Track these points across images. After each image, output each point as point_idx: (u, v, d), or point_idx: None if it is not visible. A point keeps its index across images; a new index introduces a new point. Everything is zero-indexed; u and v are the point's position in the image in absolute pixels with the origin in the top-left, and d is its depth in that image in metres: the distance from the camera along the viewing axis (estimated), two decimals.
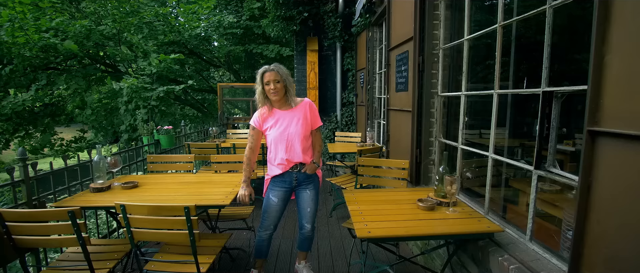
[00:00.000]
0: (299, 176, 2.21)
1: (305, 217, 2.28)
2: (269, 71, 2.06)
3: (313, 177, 2.26)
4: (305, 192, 2.25)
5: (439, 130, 2.69)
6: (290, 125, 2.13)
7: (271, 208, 2.22)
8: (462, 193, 2.39)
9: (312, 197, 2.26)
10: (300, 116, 2.15)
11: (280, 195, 2.21)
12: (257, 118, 2.17)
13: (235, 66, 10.23)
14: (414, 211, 1.89)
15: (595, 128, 1.06)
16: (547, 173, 1.52)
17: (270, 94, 2.07)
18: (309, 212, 2.26)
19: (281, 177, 2.20)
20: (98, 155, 2.36)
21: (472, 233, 1.64)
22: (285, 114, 2.15)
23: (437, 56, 2.62)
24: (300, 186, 2.24)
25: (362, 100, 5.43)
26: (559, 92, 1.48)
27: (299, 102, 2.18)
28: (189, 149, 3.87)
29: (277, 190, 2.21)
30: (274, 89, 2.05)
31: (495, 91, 1.89)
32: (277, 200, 2.21)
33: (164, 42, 6.70)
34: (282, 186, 2.21)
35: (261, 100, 2.12)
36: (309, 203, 2.25)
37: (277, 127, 2.13)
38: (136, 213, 1.75)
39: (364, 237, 1.58)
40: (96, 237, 2.80)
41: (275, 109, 2.16)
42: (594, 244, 1.10)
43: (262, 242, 2.27)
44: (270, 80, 2.05)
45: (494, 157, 1.95)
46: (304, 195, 2.25)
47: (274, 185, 2.22)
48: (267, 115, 2.15)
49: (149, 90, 4.82)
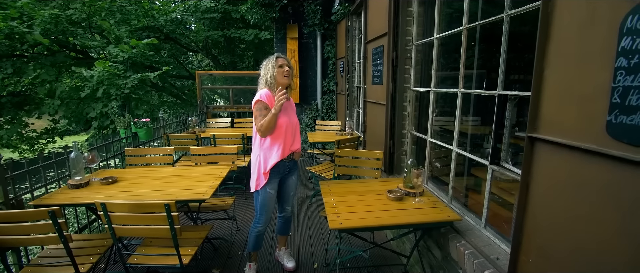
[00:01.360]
0: (290, 164, 2.33)
1: (288, 201, 2.46)
2: (282, 57, 2.22)
3: (297, 162, 2.42)
4: (291, 178, 2.39)
5: (411, 122, 2.83)
6: (293, 114, 2.30)
7: (271, 202, 2.28)
8: (430, 182, 2.57)
9: (296, 183, 2.45)
10: (294, 107, 2.39)
11: (275, 186, 2.28)
12: (266, 95, 2.12)
13: (214, 51, 10.01)
14: (384, 202, 2.04)
15: (533, 134, 1.20)
16: (500, 168, 1.68)
17: (283, 76, 2.16)
18: (292, 197, 2.46)
19: (276, 168, 2.22)
20: (75, 151, 2.35)
21: (434, 222, 1.80)
22: (289, 103, 2.28)
23: (410, 52, 2.72)
24: (289, 174, 2.36)
25: (342, 88, 5.51)
26: (511, 95, 1.62)
27: (289, 98, 2.30)
28: (168, 141, 3.87)
29: (273, 182, 2.25)
30: (288, 71, 2.18)
31: (459, 90, 2.03)
32: (274, 192, 2.28)
33: (138, 28, 6.45)
34: (277, 177, 2.27)
35: (272, 83, 2.16)
36: (293, 188, 2.43)
37: (285, 114, 2.19)
38: (117, 211, 1.80)
39: (336, 228, 1.71)
40: (75, 228, 2.82)
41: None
42: (530, 234, 1.26)
43: (260, 236, 2.37)
44: (283, 63, 2.18)
45: (457, 151, 2.11)
46: (290, 182, 2.39)
47: (272, 178, 2.23)
48: (272, 97, 2.13)
49: (122, 77, 4.67)
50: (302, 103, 6.23)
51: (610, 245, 0.94)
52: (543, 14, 1.15)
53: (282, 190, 2.42)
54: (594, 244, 1.00)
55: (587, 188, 1.01)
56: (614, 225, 0.93)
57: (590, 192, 1.00)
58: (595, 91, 0.98)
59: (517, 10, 1.51)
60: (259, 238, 2.37)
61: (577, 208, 1.05)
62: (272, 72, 2.16)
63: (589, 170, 1.00)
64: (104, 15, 5.94)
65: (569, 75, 1.07)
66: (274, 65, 2.17)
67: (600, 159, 0.96)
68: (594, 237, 0.99)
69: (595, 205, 0.98)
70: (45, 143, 8.38)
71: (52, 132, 7.74)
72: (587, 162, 1.01)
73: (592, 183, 0.99)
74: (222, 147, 3.36)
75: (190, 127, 4.79)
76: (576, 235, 1.06)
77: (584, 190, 1.02)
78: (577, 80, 1.04)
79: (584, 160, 1.01)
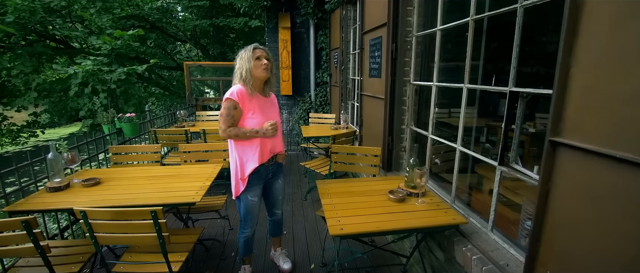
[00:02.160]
0: (273, 167, 2.17)
1: (276, 205, 2.33)
2: (260, 48, 1.99)
3: (281, 165, 2.26)
4: (277, 182, 2.24)
5: (411, 118, 2.73)
6: (275, 113, 2.11)
7: (254, 209, 2.15)
8: (431, 179, 2.48)
9: (282, 185, 2.30)
10: (276, 105, 2.18)
11: (258, 192, 2.13)
12: (238, 93, 1.92)
13: (203, 41, 9.68)
14: (385, 203, 1.94)
15: (556, 139, 1.10)
16: (510, 170, 1.59)
17: (261, 69, 1.94)
18: (280, 200, 2.33)
19: (257, 173, 2.05)
20: (52, 151, 2.18)
21: (439, 226, 1.71)
22: (266, 101, 2.07)
23: (410, 44, 2.60)
24: (273, 177, 2.20)
25: (336, 80, 5.36)
26: (524, 93, 1.52)
27: (271, 93, 2.15)
28: (156, 136, 3.69)
29: (255, 189, 2.09)
30: (267, 65, 1.96)
31: (465, 85, 1.92)
32: (257, 199, 2.14)
33: (122, 16, 6.13)
34: (258, 182, 2.10)
35: (247, 77, 1.94)
36: (280, 191, 2.29)
37: (262, 114, 2.00)
38: (98, 219, 1.66)
39: (336, 235, 1.60)
40: (56, 230, 2.64)
41: (257, 93, 2.01)
42: (549, 244, 1.18)
43: (249, 240, 2.25)
44: (261, 55, 1.96)
45: (461, 149, 2.01)
46: (276, 187, 2.25)
47: (251, 184, 2.06)
48: (249, 96, 1.95)
49: (107, 72, 4.42)
50: (295, 95, 6.07)
51: None
52: (571, 7, 1.03)
53: (268, 195, 2.28)
54: (627, 260, 0.91)
55: (620, 201, 0.92)
56: None
57: (625, 205, 0.91)
58: (633, 93, 0.88)
59: (533, 0, 1.40)
60: (248, 244, 2.26)
61: (608, 222, 0.96)
62: (247, 66, 1.93)
63: (624, 180, 0.90)
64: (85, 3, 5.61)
65: (600, 75, 0.97)
66: (250, 57, 1.94)
67: (637, 169, 0.86)
68: (628, 254, 0.91)
69: (632, 220, 0.89)
70: (27, 137, 8.05)
71: (33, 125, 7.41)
72: (620, 172, 0.91)
73: (627, 196, 0.90)
74: (212, 144, 3.21)
75: (179, 121, 4.60)
76: (606, 251, 0.97)
77: (617, 203, 0.93)
78: (609, 80, 0.94)
79: (617, 169, 0.92)
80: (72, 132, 16.30)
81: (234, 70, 2.01)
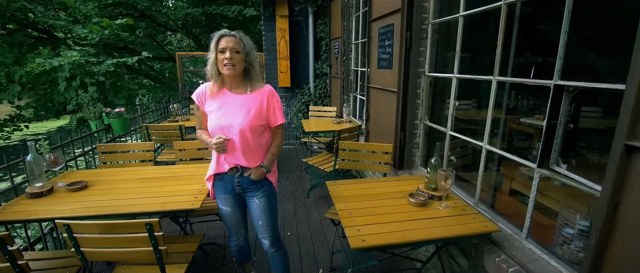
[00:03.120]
0: (242, 181, 1.74)
1: (259, 232, 1.84)
2: (228, 36, 1.56)
3: (262, 182, 1.77)
4: (253, 201, 1.78)
5: (425, 112, 2.54)
6: (237, 114, 1.63)
7: (228, 218, 1.87)
8: None
9: (263, 207, 1.78)
10: (253, 105, 1.65)
11: (229, 202, 1.81)
12: (202, 91, 1.69)
13: (195, 30, 9.31)
14: (406, 208, 1.77)
15: (634, 143, 0.92)
16: (552, 174, 1.42)
17: (222, 65, 1.56)
18: (262, 226, 1.80)
19: (221, 179, 1.76)
20: (31, 152, 1.94)
21: (470, 235, 1.54)
22: (235, 99, 1.66)
23: (426, 32, 2.39)
24: (245, 193, 1.79)
25: (337, 72, 5.15)
26: (570, 86, 1.34)
27: (258, 88, 1.69)
28: (148, 133, 3.45)
29: (222, 198, 1.80)
30: (230, 59, 1.55)
31: (495, 78, 1.73)
32: (230, 209, 1.82)
33: (108, 4, 5.76)
34: (225, 192, 1.78)
35: (212, 73, 1.62)
36: (259, 215, 1.79)
37: (218, 113, 1.64)
38: (85, 233, 1.45)
39: (358, 247, 1.42)
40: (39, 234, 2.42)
41: (225, 89, 1.67)
42: (615, 263, 1.01)
43: (238, 250, 2.04)
44: (226, 47, 1.55)
45: (488, 147, 1.84)
46: (252, 205, 1.80)
47: (217, 190, 1.80)
48: (214, 93, 1.66)
49: (95, 63, 4.12)
50: (294, 87, 5.83)
51: None
52: None
53: (250, 214, 1.87)
54: None
55: None
56: None
57: None
58: None
59: None
60: (241, 252, 2.05)
61: None
62: (212, 56, 1.59)
63: None
64: None
65: None
66: (214, 48, 1.57)
67: None
68: None
69: None
70: (10, 131, 7.68)
71: (17, 119, 7.04)
72: None
73: None
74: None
75: (172, 116, 4.34)
76: None
77: None
78: None
79: None
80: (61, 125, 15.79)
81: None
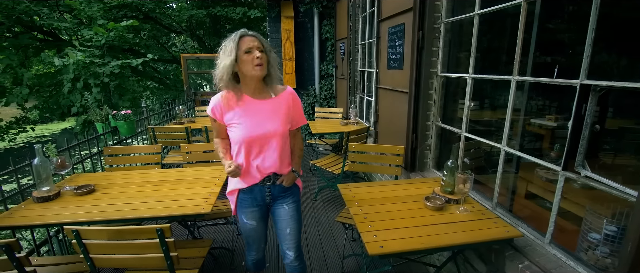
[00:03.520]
0: (274, 190, 1.62)
1: (285, 241, 1.68)
2: (250, 36, 1.43)
3: (291, 188, 1.67)
4: (281, 208, 1.65)
5: (437, 113, 2.49)
6: (270, 121, 1.51)
7: (251, 233, 1.70)
8: None
9: (292, 214, 1.66)
10: (283, 110, 1.54)
11: (255, 216, 1.65)
12: (218, 104, 1.50)
13: (199, 32, 9.30)
14: (422, 212, 1.71)
15: None
16: (579, 177, 1.37)
17: (253, 66, 1.41)
18: (290, 235, 1.66)
19: (250, 192, 1.60)
20: (38, 156, 1.91)
21: (493, 240, 1.49)
22: (262, 106, 1.51)
23: (439, 31, 2.34)
24: (275, 201, 1.66)
25: (343, 73, 5.10)
26: (598, 86, 1.28)
27: (281, 91, 1.57)
28: (154, 135, 3.41)
29: (249, 212, 1.63)
30: (260, 58, 1.40)
31: (514, 77, 1.68)
32: (256, 223, 1.67)
33: (113, 6, 5.75)
34: (253, 205, 1.63)
35: (226, 78, 1.43)
36: (288, 222, 1.65)
37: (247, 122, 1.48)
38: (94, 239, 1.41)
39: (377, 254, 1.37)
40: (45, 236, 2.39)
41: (246, 96, 1.50)
42: None
43: (255, 263, 1.85)
44: (252, 46, 1.40)
45: (507, 149, 1.78)
46: (280, 212, 1.66)
47: (242, 204, 1.63)
48: (233, 103, 1.49)
49: (100, 65, 4.10)
50: (299, 88, 5.79)
51: None
52: None
53: (274, 225, 1.71)
54: None
55: None
56: None
57: None
58: None
59: None
60: (257, 265, 1.87)
61: None
62: (230, 62, 1.40)
63: None
64: None
65: None
66: (233, 48, 1.39)
67: None
68: None
69: None
70: (16, 133, 7.69)
71: (22, 121, 7.05)
72: None
73: None
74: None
75: (178, 118, 4.31)
76: None
77: None
78: None
79: None
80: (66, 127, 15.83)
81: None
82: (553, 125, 2.26)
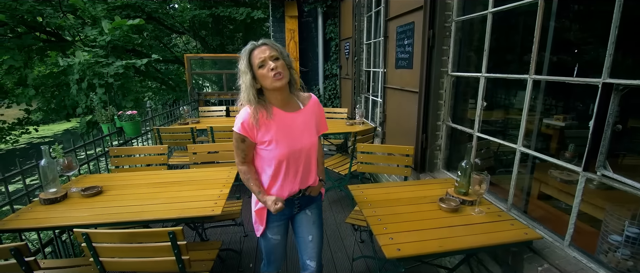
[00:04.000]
0: (302, 201, 1.56)
1: (306, 250, 1.58)
2: (259, 47, 1.32)
3: (315, 197, 1.62)
4: (304, 214, 1.59)
5: (447, 113, 2.46)
6: (303, 134, 1.42)
7: (276, 249, 1.61)
8: None
9: (314, 220, 1.59)
10: (313, 121, 1.48)
11: (281, 230, 1.58)
12: (247, 120, 1.35)
13: (202, 33, 9.28)
14: (437, 213, 1.68)
15: None
16: (602, 178, 1.33)
17: (271, 80, 1.30)
18: (312, 242, 1.58)
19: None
20: (45, 157, 1.88)
21: (511, 243, 1.45)
22: (294, 118, 1.41)
23: (449, 30, 2.31)
24: (300, 211, 1.60)
25: (348, 72, 5.07)
26: (621, 85, 1.25)
27: (307, 100, 1.49)
28: (159, 136, 3.38)
29: (275, 226, 1.55)
30: (275, 69, 1.29)
31: (531, 76, 1.64)
32: (280, 237, 1.59)
33: (116, 6, 5.73)
34: (281, 218, 1.55)
35: (252, 98, 1.33)
36: (310, 229, 1.58)
37: (283, 138, 1.38)
38: (105, 242, 1.38)
39: (394, 257, 1.34)
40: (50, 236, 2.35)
41: (277, 109, 1.39)
42: None
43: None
44: (264, 58, 1.29)
45: (523, 150, 1.75)
46: (302, 219, 1.59)
47: (271, 221, 1.54)
48: (264, 119, 1.36)
49: (105, 65, 4.07)
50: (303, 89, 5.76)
51: None
52: None
53: (295, 232, 1.63)
54: None
55: None
56: None
57: None
58: None
59: None
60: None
61: None
62: (249, 80, 1.32)
63: None
64: None
65: None
66: (247, 66, 1.31)
67: None
68: None
69: None
70: (18, 135, 7.67)
71: (25, 122, 7.02)
72: None
73: None
74: (222, 143, 2.92)
75: (182, 118, 4.28)
76: None
77: None
78: None
79: None
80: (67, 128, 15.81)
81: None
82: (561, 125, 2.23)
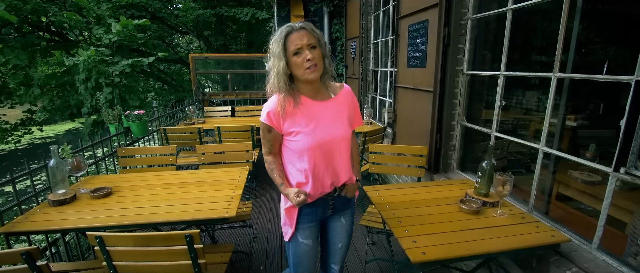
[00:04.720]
0: (337, 202, 1.47)
1: (334, 256, 1.56)
2: (297, 31, 1.21)
3: (351, 199, 1.54)
4: (339, 221, 1.52)
5: (462, 112, 2.41)
6: (334, 124, 1.33)
7: (306, 256, 1.48)
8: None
9: (347, 229, 1.55)
10: (345, 111, 1.37)
11: (312, 234, 1.47)
12: (274, 109, 1.28)
13: (205, 33, 9.24)
14: (458, 215, 1.63)
15: None
16: (634, 179, 1.28)
17: (304, 69, 1.21)
18: (341, 249, 1.55)
19: (312, 206, 1.42)
20: (54, 157, 1.83)
21: (539, 246, 1.40)
22: (324, 107, 1.33)
23: (465, 28, 2.26)
24: (334, 214, 1.51)
25: (354, 72, 5.03)
26: None
27: (339, 89, 1.39)
28: (166, 136, 3.34)
29: (307, 228, 1.44)
30: (312, 59, 1.20)
31: (555, 74, 1.60)
32: (312, 242, 1.47)
33: (121, 5, 5.69)
34: (313, 219, 1.45)
35: (283, 86, 1.25)
36: (342, 237, 1.53)
37: (312, 128, 1.30)
38: (119, 245, 1.33)
39: (419, 261, 1.29)
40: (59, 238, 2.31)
41: (305, 98, 1.31)
42: None
43: None
44: (302, 45, 1.19)
45: (546, 150, 1.70)
46: (336, 226, 1.53)
47: (302, 220, 1.43)
48: (291, 108, 1.28)
49: (111, 64, 4.03)
50: None
51: None
52: None
53: (324, 237, 1.57)
54: None
55: None
56: None
57: None
58: None
59: None
60: None
61: None
62: (282, 66, 1.22)
63: None
64: None
65: None
66: (281, 51, 1.21)
67: None
68: None
69: None
70: (21, 135, 7.64)
71: (28, 123, 6.99)
72: None
73: None
74: (231, 144, 2.87)
75: (188, 118, 4.24)
76: None
77: None
78: None
79: None
80: (68, 128, 15.78)
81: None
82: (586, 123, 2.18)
